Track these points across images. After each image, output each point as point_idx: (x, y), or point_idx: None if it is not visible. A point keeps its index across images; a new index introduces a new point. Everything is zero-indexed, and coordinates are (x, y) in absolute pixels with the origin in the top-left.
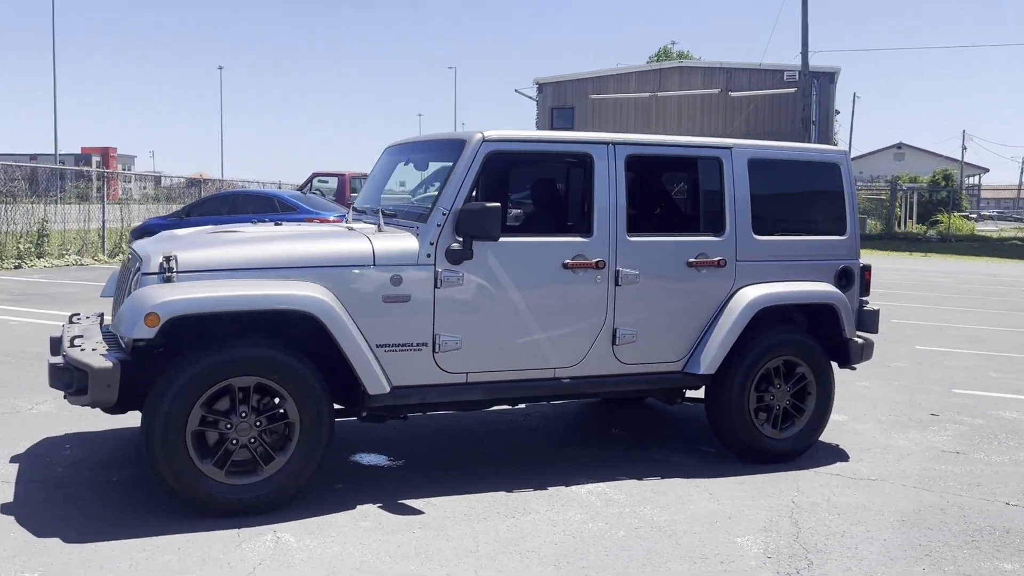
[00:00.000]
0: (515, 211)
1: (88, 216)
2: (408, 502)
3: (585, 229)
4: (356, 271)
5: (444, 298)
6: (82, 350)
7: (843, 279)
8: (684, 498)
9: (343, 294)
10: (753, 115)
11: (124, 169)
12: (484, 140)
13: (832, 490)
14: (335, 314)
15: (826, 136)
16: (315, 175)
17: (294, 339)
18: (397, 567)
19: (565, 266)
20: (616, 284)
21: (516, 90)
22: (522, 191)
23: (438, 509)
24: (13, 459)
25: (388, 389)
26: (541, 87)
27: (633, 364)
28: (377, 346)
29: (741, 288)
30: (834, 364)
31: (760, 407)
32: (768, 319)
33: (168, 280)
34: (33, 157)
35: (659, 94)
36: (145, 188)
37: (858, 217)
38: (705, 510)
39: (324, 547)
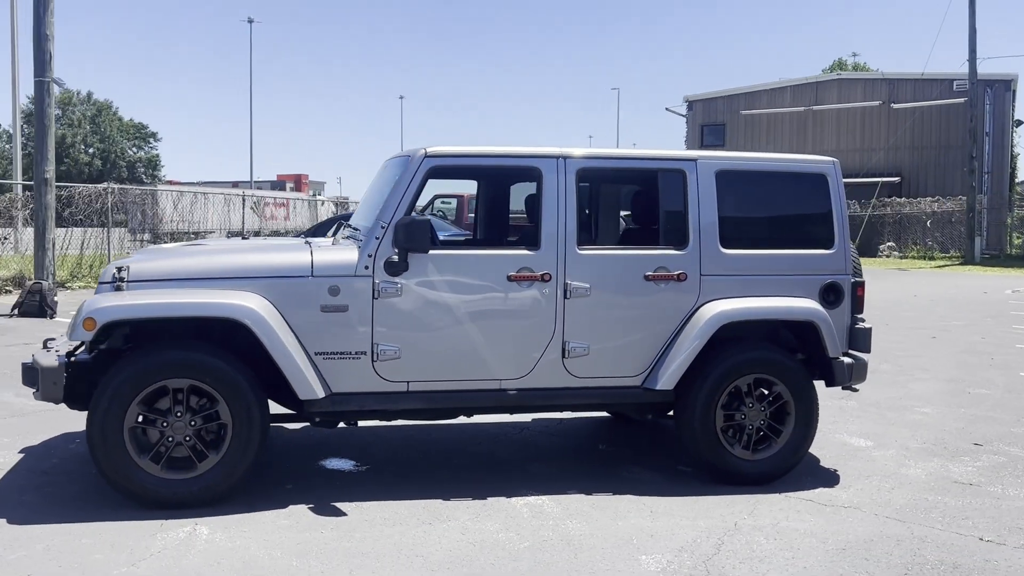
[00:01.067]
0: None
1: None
2: (339, 504)
3: (532, 242)
4: (294, 281)
5: (383, 308)
6: (47, 351)
7: (830, 295)
8: (620, 515)
9: (281, 303)
10: (917, 127)
11: (314, 195)
12: (426, 156)
13: (789, 514)
14: (265, 321)
15: (1001, 148)
16: (436, 196)
17: (242, 345)
18: (282, 562)
19: (510, 278)
20: (565, 297)
21: (667, 108)
22: (475, 205)
23: (363, 512)
24: (22, 450)
25: (322, 395)
26: (691, 104)
27: (586, 378)
28: (316, 353)
29: (706, 303)
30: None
31: (730, 426)
32: (744, 335)
33: (118, 289)
34: (235, 184)
35: (815, 108)
36: (334, 212)
37: (849, 230)
38: (631, 527)
39: (229, 541)
